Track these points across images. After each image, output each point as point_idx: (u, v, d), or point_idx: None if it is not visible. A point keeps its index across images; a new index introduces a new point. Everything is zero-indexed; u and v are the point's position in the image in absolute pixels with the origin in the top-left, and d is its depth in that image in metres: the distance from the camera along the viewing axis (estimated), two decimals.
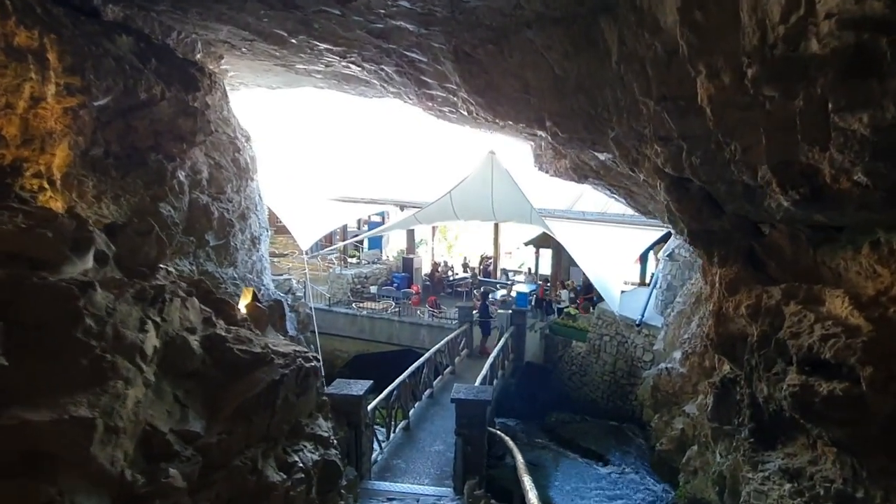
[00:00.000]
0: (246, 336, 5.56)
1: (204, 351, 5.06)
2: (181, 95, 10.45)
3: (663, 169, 8.48)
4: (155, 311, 4.73)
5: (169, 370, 4.63)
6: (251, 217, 12.82)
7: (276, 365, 5.30)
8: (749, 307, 7.46)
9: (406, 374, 11.25)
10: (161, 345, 4.65)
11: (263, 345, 5.57)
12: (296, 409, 5.51)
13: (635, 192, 14.05)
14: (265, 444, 4.96)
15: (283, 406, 5.21)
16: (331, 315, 22.34)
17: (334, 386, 8.20)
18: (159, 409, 4.32)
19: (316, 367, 5.89)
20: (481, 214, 20.50)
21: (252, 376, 5.10)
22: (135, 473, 3.84)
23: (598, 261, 17.82)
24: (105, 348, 4.05)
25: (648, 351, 15.77)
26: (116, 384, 3.90)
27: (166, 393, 4.50)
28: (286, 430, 5.36)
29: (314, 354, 6.14)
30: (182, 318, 5.12)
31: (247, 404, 4.90)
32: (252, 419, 4.87)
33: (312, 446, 5.64)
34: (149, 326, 4.52)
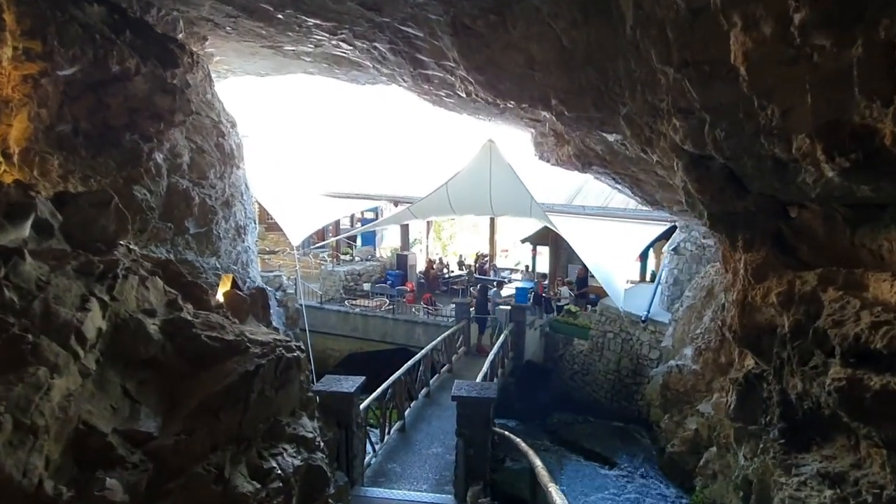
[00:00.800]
0: (217, 322, 4.81)
1: (165, 337, 4.31)
2: (158, 71, 9.69)
3: (682, 146, 7.79)
4: (103, 288, 3.98)
5: (118, 358, 3.90)
6: (236, 205, 12.07)
7: (252, 354, 4.56)
8: (780, 295, 6.77)
9: (401, 372, 10.52)
10: (109, 327, 3.90)
11: (238, 332, 4.83)
12: (274, 406, 4.75)
13: (642, 180, 13.38)
14: (235, 446, 4.20)
15: (258, 401, 4.47)
16: (323, 313, 21.58)
17: (323, 382, 7.47)
18: (101, 404, 3.58)
19: (299, 357, 5.14)
20: (478, 208, 19.79)
21: (222, 366, 4.36)
22: (59, 485, 3.11)
23: (601, 256, 17.14)
24: (27, 327, 3.30)
25: (655, 348, 15.07)
26: (37, 372, 3.15)
27: (112, 385, 3.75)
28: (262, 430, 4.61)
29: (298, 344, 5.41)
30: (140, 299, 4.38)
31: (214, 399, 4.15)
32: (220, 416, 4.13)
33: (294, 449, 4.89)
34: (92, 305, 3.77)
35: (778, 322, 7.05)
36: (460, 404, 7.67)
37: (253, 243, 13.63)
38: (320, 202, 26.26)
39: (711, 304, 12.14)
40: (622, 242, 18.74)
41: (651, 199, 14.11)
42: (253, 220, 14.94)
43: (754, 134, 6.54)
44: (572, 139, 12.85)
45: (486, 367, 11.65)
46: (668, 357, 13.42)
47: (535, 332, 18.24)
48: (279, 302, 13.59)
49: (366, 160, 30.38)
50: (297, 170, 29.22)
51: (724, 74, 6.29)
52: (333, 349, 21.51)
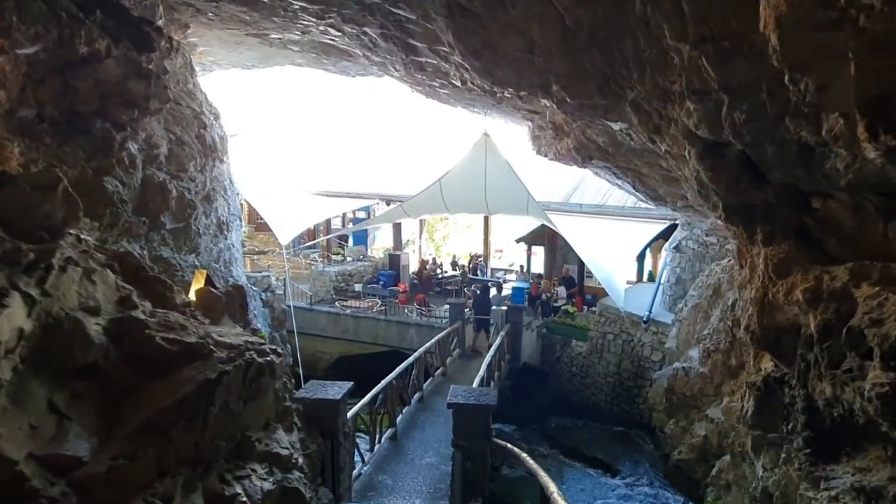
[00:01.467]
0: (178, 322, 4.18)
1: (110, 339, 3.68)
2: (132, 55, 9.02)
3: (695, 132, 7.22)
4: (31, 281, 3.34)
5: (45, 365, 3.26)
6: (218, 200, 11.41)
7: (215, 359, 3.93)
8: (806, 291, 6.19)
9: (393, 376, 9.88)
10: (36, 328, 3.27)
11: (203, 333, 4.20)
12: (241, 420, 4.13)
13: (645, 174, 12.82)
14: (190, 470, 3.56)
15: (221, 416, 3.84)
16: (312, 314, 20.92)
17: (307, 389, 6.83)
18: (14, 422, 2.93)
19: (273, 363, 4.51)
20: (473, 205, 19.17)
21: (178, 375, 3.73)
22: None
23: (600, 254, 16.57)
24: None
25: (658, 350, 14.50)
26: None
27: (34, 398, 3.11)
28: (225, 449, 3.97)
29: (273, 347, 4.78)
30: (83, 295, 3.74)
31: (165, 414, 3.53)
32: (171, 435, 3.51)
33: (265, 470, 4.25)
34: (12, 300, 3.13)
35: (802, 321, 6.49)
36: (457, 412, 7.04)
37: (237, 241, 12.98)
38: (310, 201, 25.59)
39: (718, 304, 11.58)
40: (621, 241, 18.19)
41: (654, 194, 13.55)
42: (238, 217, 14.29)
43: (778, 116, 5.98)
44: (572, 131, 12.27)
45: (482, 370, 11.02)
46: (673, 359, 12.86)
47: (531, 333, 17.66)
48: (264, 302, 12.94)
49: (358, 158, 29.77)
50: (286, 168, 28.60)
51: (745, 50, 5.72)
52: (323, 352, 20.85)
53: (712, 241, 15.34)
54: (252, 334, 5.65)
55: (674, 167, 9.35)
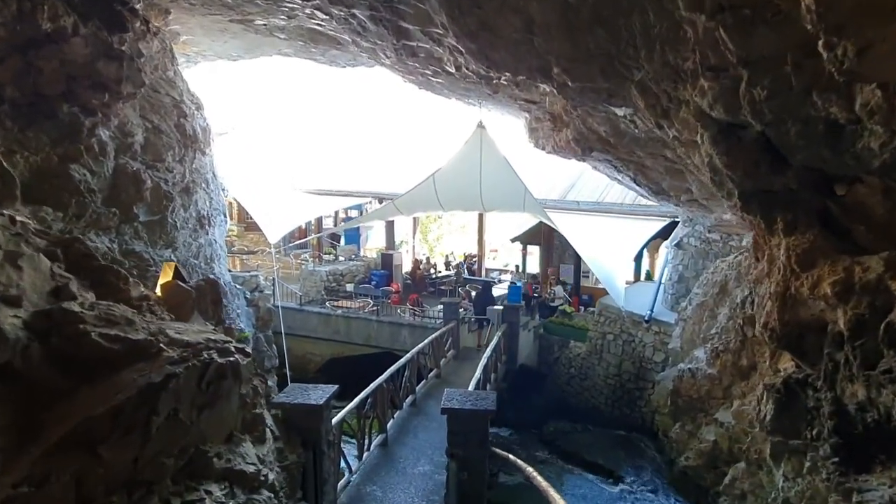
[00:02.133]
0: (124, 316, 3.58)
1: (32, 335, 3.08)
2: (102, 35, 8.40)
3: (709, 113, 6.65)
4: None
5: None
6: (198, 193, 10.79)
7: (164, 360, 3.33)
8: (835, 285, 5.63)
9: (383, 378, 9.27)
10: None
11: (155, 330, 3.61)
12: (195, 431, 3.51)
13: (648, 166, 12.28)
14: (125, 496, 2.95)
15: (167, 427, 3.23)
16: (302, 315, 20.30)
17: (287, 393, 6.21)
18: None
19: (237, 364, 3.90)
20: (468, 202, 18.57)
21: (116, 378, 3.14)
22: None
23: (600, 252, 16.04)
24: None
25: (660, 350, 13.96)
26: None
27: None
28: (172, 467, 3.34)
29: (241, 346, 4.19)
30: (1, 283, 3.15)
31: (93, 425, 2.91)
32: (101, 452, 2.91)
33: (224, 491, 3.62)
34: None
35: (829, 317, 5.94)
36: (452, 418, 6.42)
37: (220, 237, 12.35)
38: (301, 199, 24.98)
39: (726, 302, 11.04)
40: (620, 239, 17.66)
41: (657, 188, 13.01)
42: (222, 213, 13.66)
43: (804, 90, 5.42)
44: (572, 120, 11.71)
45: (479, 372, 10.43)
46: (677, 360, 12.31)
47: (528, 333, 17.08)
48: (249, 301, 12.31)
49: (350, 156, 29.18)
50: (276, 166, 28.03)
51: (769, 18, 5.17)
52: (314, 353, 20.24)
53: (715, 237, 14.82)
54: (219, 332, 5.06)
55: (682, 156, 8.80)
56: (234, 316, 10.93)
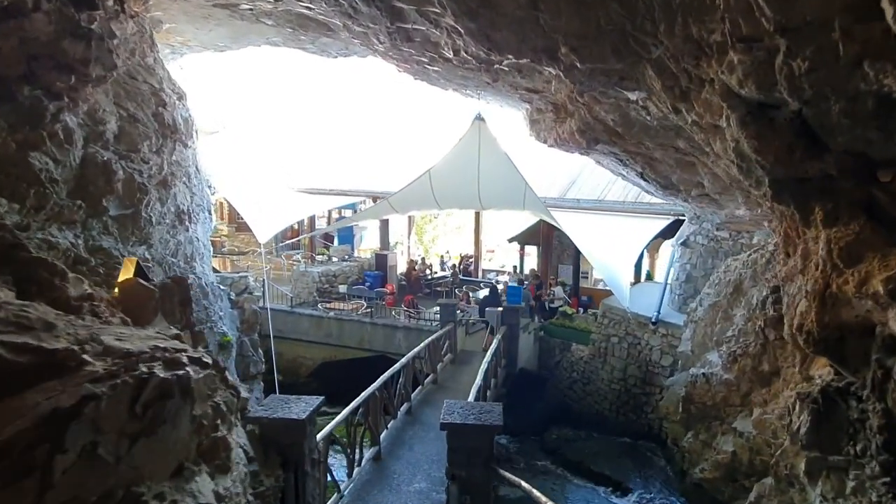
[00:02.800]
0: (42, 319, 2.84)
1: None
2: (68, 11, 7.66)
3: (738, 91, 5.96)
4: None
5: None
6: (177, 186, 10.07)
7: (84, 376, 2.61)
8: (889, 282, 4.96)
9: (376, 385, 8.56)
10: None
11: (84, 337, 2.89)
12: (124, 469, 2.75)
13: (657, 159, 11.62)
14: None
15: (80, 467, 2.49)
16: (293, 317, 19.58)
17: (265, 406, 5.49)
18: None
19: (186, 378, 3.15)
20: (465, 200, 17.89)
21: (13, 402, 2.43)
22: None
23: (603, 252, 15.38)
24: None
25: (668, 354, 13.30)
26: None
27: None
28: None
29: (199, 356, 3.50)
30: None
31: None
32: None
33: None
34: None
35: (878, 318, 5.27)
36: (453, 434, 5.67)
37: (204, 235, 11.62)
38: (292, 198, 24.30)
39: (741, 302, 10.39)
40: (622, 238, 16.99)
41: (665, 182, 12.34)
42: (207, 210, 12.93)
43: (853, 61, 4.73)
44: (577, 110, 11.03)
45: (479, 378, 9.72)
46: (687, 364, 11.64)
47: (528, 336, 16.40)
48: (233, 303, 11.58)
49: (344, 154, 28.50)
50: (268, 164, 27.37)
51: None
52: (305, 357, 19.53)
53: (724, 235, 14.18)
54: (183, 337, 4.37)
55: (700, 143, 8.12)
56: (216, 318, 10.21)
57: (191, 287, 9.60)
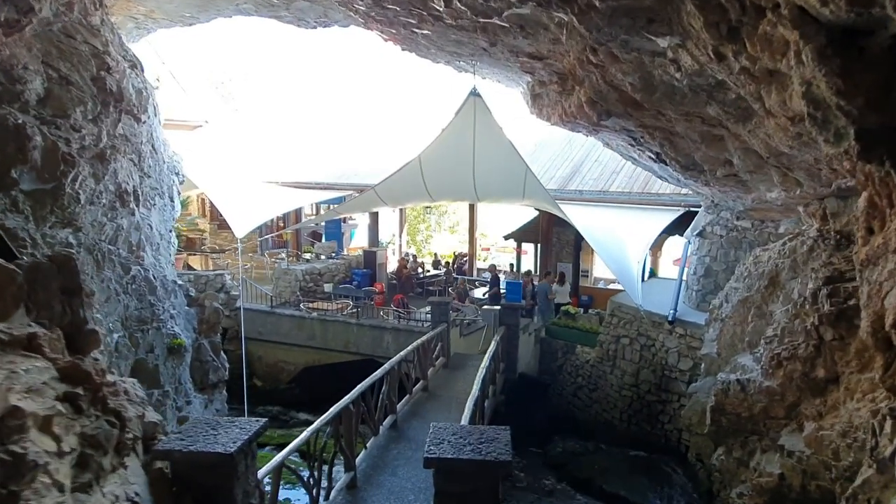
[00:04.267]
0: None
1: None
2: None
3: (817, 14, 4.52)
4: None
5: None
6: (119, 162, 8.57)
7: None
8: None
9: (352, 397, 7.07)
10: None
11: None
12: None
13: (678, 134, 10.14)
14: None
15: None
16: (273, 318, 18.08)
17: (182, 432, 3.92)
18: None
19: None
20: (459, 189, 16.45)
21: None
22: None
23: (610, 245, 13.98)
24: None
25: (687, 356, 11.88)
26: None
27: None
28: None
29: None
30: None
31: None
32: None
33: None
34: None
35: None
36: (441, 475, 4.00)
37: (161, 224, 10.14)
38: (275, 192, 22.78)
39: (778, 296, 8.97)
40: (631, 231, 15.58)
41: (686, 161, 10.89)
42: (169, 197, 11.45)
43: None
44: (587, 76, 9.54)
45: (476, 387, 8.23)
46: (713, 368, 10.21)
47: (528, 337, 14.96)
48: (191, 300, 10.07)
49: (331, 147, 27.15)
50: (251, 158, 25.98)
51: None
52: (286, 362, 18.04)
53: (745, 224, 12.77)
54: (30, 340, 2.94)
55: (748, 98, 6.71)
56: (165, 318, 8.71)
57: (136, 279, 8.10)
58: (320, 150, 26.86)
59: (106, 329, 7.13)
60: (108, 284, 7.60)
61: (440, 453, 4.07)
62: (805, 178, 9.12)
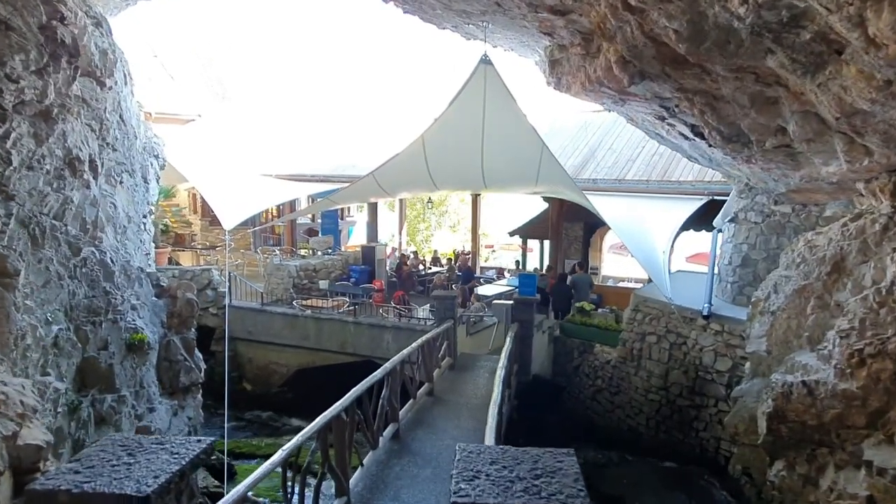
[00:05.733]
0: None
1: None
2: None
3: None
4: None
5: None
6: (70, 124, 7.26)
7: None
8: None
9: (345, 403, 5.77)
10: None
11: None
12: None
13: (723, 98, 8.75)
14: None
15: None
16: (264, 316, 16.77)
17: (76, 467, 2.58)
18: None
19: None
20: (465, 176, 15.12)
21: None
22: None
23: (637, 234, 12.71)
24: None
25: (725, 356, 10.57)
26: None
27: None
28: None
29: None
30: None
31: None
32: None
33: None
34: None
35: None
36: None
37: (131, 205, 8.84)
38: (267, 185, 21.55)
39: (845, 284, 7.66)
40: (652, 220, 14.29)
41: (730, 131, 9.52)
42: (142, 177, 10.19)
43: None
44: (620, 30, 8.20)
45: (497, 390, 6.91)
46: (761, 368, 8.89)
47: (542, 335, 13.64)
48: (162, 290, 8.74)
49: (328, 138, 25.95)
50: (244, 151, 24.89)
51: None
52: (278, 363, 16.73)
53: (785, 209, 11.47)
54: None
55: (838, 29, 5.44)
56: (124, 309, 7.39)
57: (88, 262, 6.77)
58: (316, 141, 25.72)
59: (40, 319, 5.83)
60: (47, 265, 6.30)
61: (477, 498, 2.65)
62: (879, 143, 7.72)
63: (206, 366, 9.27)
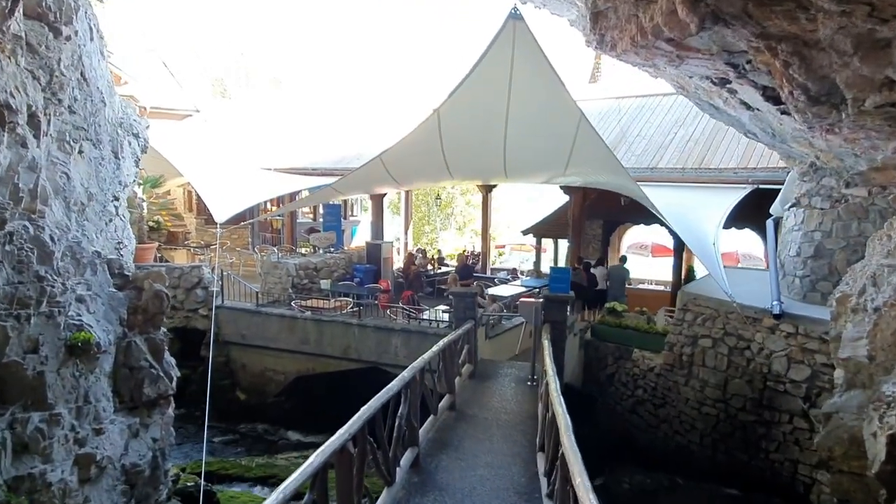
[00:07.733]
0: None
1: None
2: None
3: None
4: None
5: None
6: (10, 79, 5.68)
7: None
8: None
9: (352, 429, 4.18)
10: None
11: None
12: None
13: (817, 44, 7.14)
14: None
15: None
16: (259, 318, 15.19)
17: None
18: None
19: None
20: (485, 163, 13.51)
21: None
22: None
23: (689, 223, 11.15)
24: None
25: (801, 363, 8.92)
26: None
27: None
28: None
29: None
30: None
31: None
32: None
33: None
34: None
35: None
36: None
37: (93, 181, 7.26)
38: (266, 178, 20.12)
39: None
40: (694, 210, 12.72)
41: (818, 89, 7.81)
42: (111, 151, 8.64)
43: None
44: None
45: (562, 409, 5.25)
46: (859, 378, 7.24)
47: (574, 338, 12.02)
48: (124, 280, 7.09)
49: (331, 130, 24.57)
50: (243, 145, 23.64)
51: None
52: (275, 370, 15.16)
53: (859, 192, 9.86)
54: None
55: None
56: (66, 300, 5.79)
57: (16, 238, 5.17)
58: (319, 132, 24.39)
59: None
60: None
61: None
62: None
63: (180, 374, 7.62)
